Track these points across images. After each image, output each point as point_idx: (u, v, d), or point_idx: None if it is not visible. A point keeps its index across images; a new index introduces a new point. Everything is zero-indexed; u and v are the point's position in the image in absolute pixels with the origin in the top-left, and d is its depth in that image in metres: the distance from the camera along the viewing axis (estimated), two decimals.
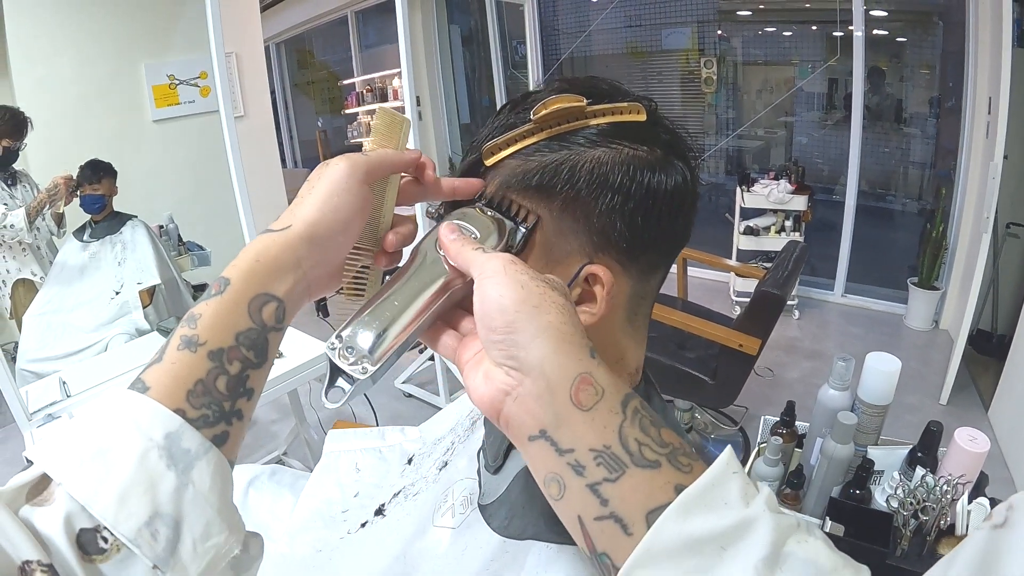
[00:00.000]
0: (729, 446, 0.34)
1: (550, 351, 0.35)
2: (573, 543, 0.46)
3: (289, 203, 0.43)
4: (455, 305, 0.45)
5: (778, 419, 1.37)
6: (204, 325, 0.37)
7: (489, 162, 0.47)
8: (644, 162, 0.46)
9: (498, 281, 0.37)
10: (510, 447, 0.58)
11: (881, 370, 1.16)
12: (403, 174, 0.48)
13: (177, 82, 2.26)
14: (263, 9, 5.28)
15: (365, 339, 0.41)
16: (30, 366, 1.94)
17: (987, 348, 3.11)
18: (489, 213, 0.46)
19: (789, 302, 3.63)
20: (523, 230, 0.46)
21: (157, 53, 2.21)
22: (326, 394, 0.41)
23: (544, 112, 0.45)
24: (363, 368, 0.40)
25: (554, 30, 4.73)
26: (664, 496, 0.31)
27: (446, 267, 0.43)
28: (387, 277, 0.47)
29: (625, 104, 0.47)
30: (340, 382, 0.41)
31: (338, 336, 0.41)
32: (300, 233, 0.41)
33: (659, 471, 0.32)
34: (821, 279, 4.00)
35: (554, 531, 0.48)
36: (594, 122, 0.46)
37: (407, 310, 0.42)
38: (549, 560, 0.48)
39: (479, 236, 0.44)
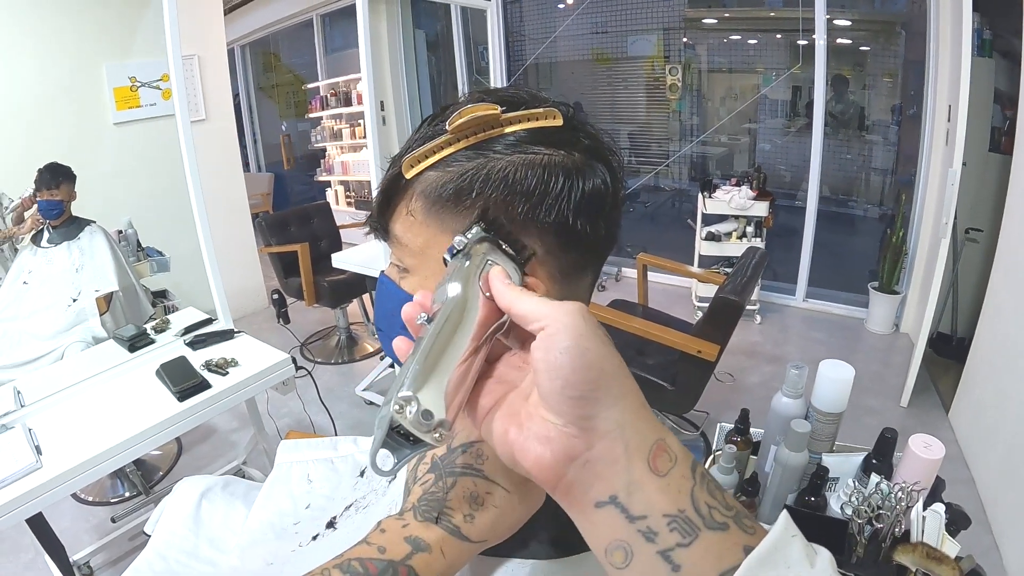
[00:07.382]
0: (785, 511, 0.34)
1: (631, 415, 0.34)
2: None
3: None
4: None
5: (733, 426, 1.35)
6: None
7: (409, 175, 0.46)
8: (559, 166, 0.45)
9: (582, 333, 0.33)
10: None
11: (834, 378, 1.13)
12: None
13: (139, 84, 2.23)
14: (227, 11, 5.20)
15: (437, 405, 0.35)
16: None
17: (947, 351, 3.15)
18: (504, 247, 0.43)
19: (751, 307, 3.66)
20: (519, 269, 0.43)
21: (119, 54, 2.17)
22: (375, 461, 0.35)
23: (460, 121, 0.44)
24: (439, 435, 0.35)
25: (520, 35, 4.73)
26: (734, 557, 0.31)
27: (480, 308, 0.38)
28: None
29: (541, 110, 0.47)
30: (391, 444, 0.36)
31: (403, 399, 0.35)
32: None
33: (728, 533, 0.32)
34: (783, 284, 4.04)
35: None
36: (509, 129, 0.46)
37: (461, 365, 0.37)
38: None
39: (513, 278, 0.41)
